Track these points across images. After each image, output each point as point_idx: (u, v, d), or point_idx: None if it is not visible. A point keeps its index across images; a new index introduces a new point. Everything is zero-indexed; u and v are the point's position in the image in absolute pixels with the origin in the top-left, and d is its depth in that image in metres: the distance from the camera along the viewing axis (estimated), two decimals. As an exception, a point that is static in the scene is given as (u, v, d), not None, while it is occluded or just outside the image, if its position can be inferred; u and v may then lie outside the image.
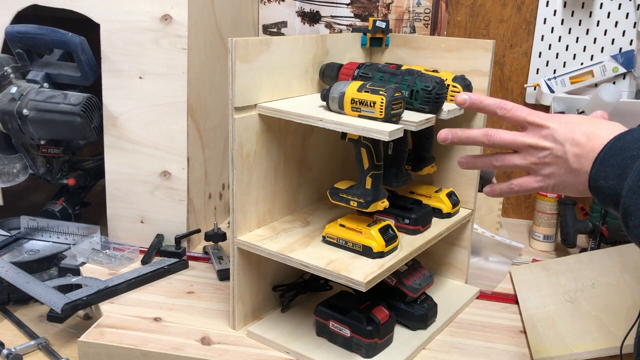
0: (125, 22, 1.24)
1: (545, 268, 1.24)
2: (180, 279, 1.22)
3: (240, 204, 0.96)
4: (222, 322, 1.04)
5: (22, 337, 1.06)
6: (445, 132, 0.79)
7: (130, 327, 1.02)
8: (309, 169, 1.11)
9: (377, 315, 0.93)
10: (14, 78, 1.30)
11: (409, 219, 1.02)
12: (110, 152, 1.31)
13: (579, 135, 0.71)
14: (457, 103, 0.79)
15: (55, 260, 1.27)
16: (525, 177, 0.76)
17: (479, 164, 0.81)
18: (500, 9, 1.55)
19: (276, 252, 0.94)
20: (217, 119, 1.42)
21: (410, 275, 1.02)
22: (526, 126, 0.75)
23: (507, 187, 0.78)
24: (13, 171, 1.37)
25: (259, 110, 0.94)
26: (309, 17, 1.66)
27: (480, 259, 1.34)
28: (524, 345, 1.01)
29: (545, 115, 0.75)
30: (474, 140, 0.78)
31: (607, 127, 0.71)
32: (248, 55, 0.90)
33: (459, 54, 1.10)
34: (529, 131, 0.75)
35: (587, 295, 1.07)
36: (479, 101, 0.78)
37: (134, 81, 1.26)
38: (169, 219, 1.32)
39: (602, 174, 0.67)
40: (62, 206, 1.44)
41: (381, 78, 0.99)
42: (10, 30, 1.28)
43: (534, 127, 0.74)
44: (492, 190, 0.81)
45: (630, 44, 1.49)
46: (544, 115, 0.75)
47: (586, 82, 1.51)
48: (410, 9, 1.60)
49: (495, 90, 1.60)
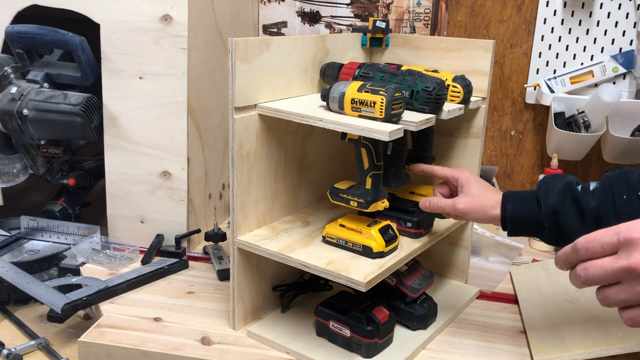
0: (125, 22, 1.24)
1: (545, 268, 1.24)
2: (180, 279, 1.22)
3: (240, 204, 0.96)
4: (222, 322, 1.04)
5: (22, 337, 1.06)
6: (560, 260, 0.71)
7: (130, 327, 1.02)
8: (309, 169, 1.11)
9: (377, 315, 0.93)
10: (14, 78, 1.30)
11: (411, 222, 1.01)
12: (110, 152, 1.31)
13: None
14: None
15: (55, 260, 1.27)
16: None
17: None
18: (500, 9, 1.55)
19: (276, 252, 0.94)
20: (217, 119, 1.42)
21: (410, 275, 1.02)
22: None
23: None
24: (13, 171, 1.37)
25: (259, 110, 0.94)
26: (309, 17, 1.66)
27: (480, 259, 1.34)
28: (524, 345, 1.01)
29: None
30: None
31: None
32: (248, 55, 0.90)
33: (459, 54, 1.10)
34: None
35: (587, 295, 1.07)
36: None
37: (134, 81, 1.26)
38: (169, 219, 1.32)
39: None
40: (62, 206, 1.44)
41: (382, 78, 0.99)
42: (10, 30, 1.28)
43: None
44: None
45: (630, 44, 1.49)
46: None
47: (586, 82, 1.51)
48: (410, 9, 1.60)
49: (495, 91, 1.60)
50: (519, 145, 1.63)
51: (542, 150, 1.61)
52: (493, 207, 0.94)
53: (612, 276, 0.64)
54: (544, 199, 0.89)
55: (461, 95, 0.99)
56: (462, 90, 0.99)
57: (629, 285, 0.63)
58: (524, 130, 1.62)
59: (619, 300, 0.65)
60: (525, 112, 1.61)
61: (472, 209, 0.94)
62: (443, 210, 0.97)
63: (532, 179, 1.64)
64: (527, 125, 1.61)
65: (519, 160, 1.65)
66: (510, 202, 0.92)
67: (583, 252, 0.66)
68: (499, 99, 1.61)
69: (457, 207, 0.95)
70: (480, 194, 0.95)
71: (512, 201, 0.92)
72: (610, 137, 1.41)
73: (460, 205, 0.94)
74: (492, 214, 0.94)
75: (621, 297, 0.64)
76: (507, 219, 0.92)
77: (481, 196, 0.95)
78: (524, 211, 0.91)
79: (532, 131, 1.61)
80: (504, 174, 1.66)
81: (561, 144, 1.47)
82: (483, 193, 0.96)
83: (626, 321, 0.66)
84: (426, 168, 1.05)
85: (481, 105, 1.09)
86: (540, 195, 0.90)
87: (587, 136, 1.44)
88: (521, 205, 0.92)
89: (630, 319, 0.66)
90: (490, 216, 0.94)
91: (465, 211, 0.94)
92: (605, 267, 0.64)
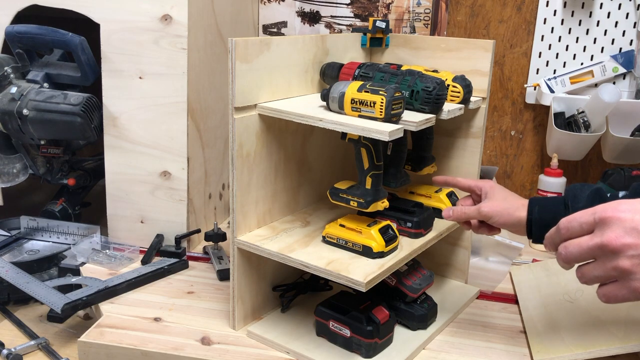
0: (125, 22, 1.24)
1: (545, 268, 1.24)
2: (180, 279, 1.22)
3: (240, 204, 0.96)
4: (222, 322, 1.04)
5: (22, 337, 1.06)
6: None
7: (130, 327, 1.02)
8: (309, 169, 1.11)
9: (377, 315, 0.93)
10: (14, 78, 1.30)
11: (411, 223, 1.01)
12: (110, 152, 1.31)
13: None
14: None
15: (55, 260, 1.27)
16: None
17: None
18: (500, 9, 1.55)
19: (276, 252, 0.94)
20: (217, 119, 1.42)
21: (410, 275, 1.02)
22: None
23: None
24: (13, 171, 1.37)
25: (259, 110, 0.94)
26: (309, 17, 1.66)
27: (480, 259, 1.34)
28: (524, 345, 1.01)
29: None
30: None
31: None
32: (248, 55, 0.90)
33: (459, 54, 1.10)
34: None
35: (587, 295, 1.07)
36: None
37: (134, 81, 1.26)
38: (169, 219, 1.32)
39: None
40: (62, 206, 1.44)
41: (382, 78, 0.99)
42: (10, 30, 1.28)
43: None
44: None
45: (630, 44, 1.49)
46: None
47: (586, 82, 1.51)
48: (410, 9, 1.60)
49: (495, 90, 1.60)
50: (519, 145, 1.63)
51: (542, 150, 1.61)
52: (518, 209, 0.93)
53: (588, 253, 0.68)
54: (572, 202, 0.87)
55: (461, 95, 0.99)
56: (462, 90, 0.99)
57: (602, 262, 0.68)
58: (524, 130, 1.62)
59: (594, 276, 0.69)
60: (525, 112, 1.61)
61: (497, 212, 0.93)
62: (467, 216, 0.96)
63: (532, 178, 1.64)
64: (527, 125, 1.61)
65: (519, 160, 1.65)
66: (537, 205, 0.91)
67: (564, 231, 0.71)
68: (499, 99, 1.61)
69: (482, 210, 0.94)
70: (504, 198, 0.95)
71: (539, 205, 0.91)
72: (610, 137, 1.41)
73: (485, 209, 0.94)
74: (517, 215, 0.92)
75: (595, 273, 0.69)
76: (534, 221, 0.91)
77: (506, 200, 0.95)
78: (552, 214, 0.89)
79: (532, 131, 1.61)
80: (504, 174, 1.66)
81: (561, 144, 1.47)
82: (507, 197, 0.96)
83: (601, 297, 0.70)
84: (450, 180, 1.05)
85: (481, 105, 1.10)
86: (569, 199, 0.88)
87: (587, 136, 1.44)
88: (548, 209, 0.90)
89: (605, 294, 0.70)
90: (515, 218, 0.93)
91: (490, 214, 0.94)
92: (582, 244, 0.69)
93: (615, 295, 0.69)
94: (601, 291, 0.71)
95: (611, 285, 0.69)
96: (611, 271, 0.67)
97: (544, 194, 1.42)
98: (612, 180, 1.32)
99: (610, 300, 0.70)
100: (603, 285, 0.71)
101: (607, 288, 0.70)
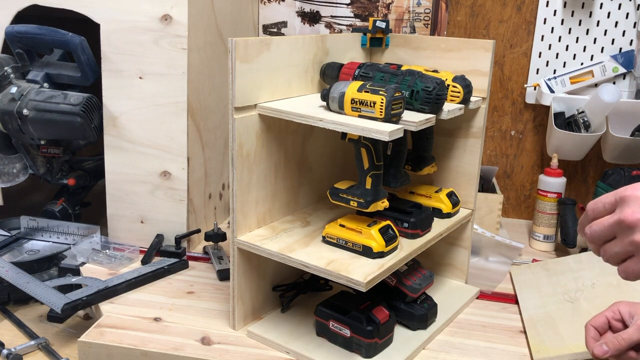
0: (125, 22, 1.24)
1: (545, 268, 1.24)
2: (180, 279, 1.22)
3: (240, 204, 0.96)
4: (222, 322, 1.04)
5: (22, 337, 1.06)
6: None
7: (130, 327, 1.02)
8: (309, 169, 1.11)
9: (377, 315, 0.93)
10: (14, 78, 1.30)
11: (407, 223, 1.01)
12: (110, 152, 1.31)
13: None
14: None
15: (55, 260, 1.27)
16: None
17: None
18: (500, 9, 1.55)
19: (276, 252, 0.94)
20: (217, 119, 1.42)
21: (410, 275, 1.02)
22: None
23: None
24: (13, 171, 1.37)
25: (259, 110, 0.94)
26: (309, 17, 1.66)
27: (480, 259, 1.34)
28: (524, 345, 1.01)
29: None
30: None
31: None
32: (248, 55, 0.90)
33: (459, 54, 1.10)
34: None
35: (587, 295, 1.07)
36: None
37: (134, 81, 1.26)
38: (169, 219, 1.32)
39: None
40: (62, 206, 1.44)
41: (382, 78, 0.99)
42: (10, 30, 1.28)
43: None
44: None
45: (630, 44, 1.49)
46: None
47: (586, 82, 1.51)
48: (410, 9, 1.60)
49: (496, 91, 1.60)
50: (519, 145, 1.63)
51: (542, 150, 1.61)
52: None
53: (609, 230, 0.70)
54: None
55: (461, 95, 0.99)
56: (462, 90, 0.99)
57: (620, 238, 0.69)
58: (524, 130, 1.62)
59: (614, 252, 0.70)
60: (525, 112, 1.61)
61: None
62: (632, 341, 0.80)
63: (532, 178, 1.64)
64: (527, 125, 1.61)
65: (519, 160, 1.65)
66: None
67: (590, 213, 0.73)
68: (499, 99, 1.61)
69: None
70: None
71: None
72: (610, 137, 1.41)
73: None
74: None
75: (615, 249, 0.70)
76: None
77: None
78: None
79: (532, 131, 1.61)
80: (504, 174, 1.66)
81: (561, 144, 1.47)
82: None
83: (621, 274, 0.72)
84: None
85: (481, 105, 1.10)
86: None
87: (587, 136, 1.44)
88: None
89: (624, 270, 0.71)
90: None
91: None
92: (603, 222, 0.71)
93: (633, 270, 0.70)
94: (621, 267, 0.72)
95: (629, 261, 0.70)
96: (628, 246, 0.69)
97: (544, 194, 1.42)
98: (612, 180, 1.32)
99: (629, 276, 0.71)
100: (622, 262, 0.72)
101: (626, 264, 0.71)
